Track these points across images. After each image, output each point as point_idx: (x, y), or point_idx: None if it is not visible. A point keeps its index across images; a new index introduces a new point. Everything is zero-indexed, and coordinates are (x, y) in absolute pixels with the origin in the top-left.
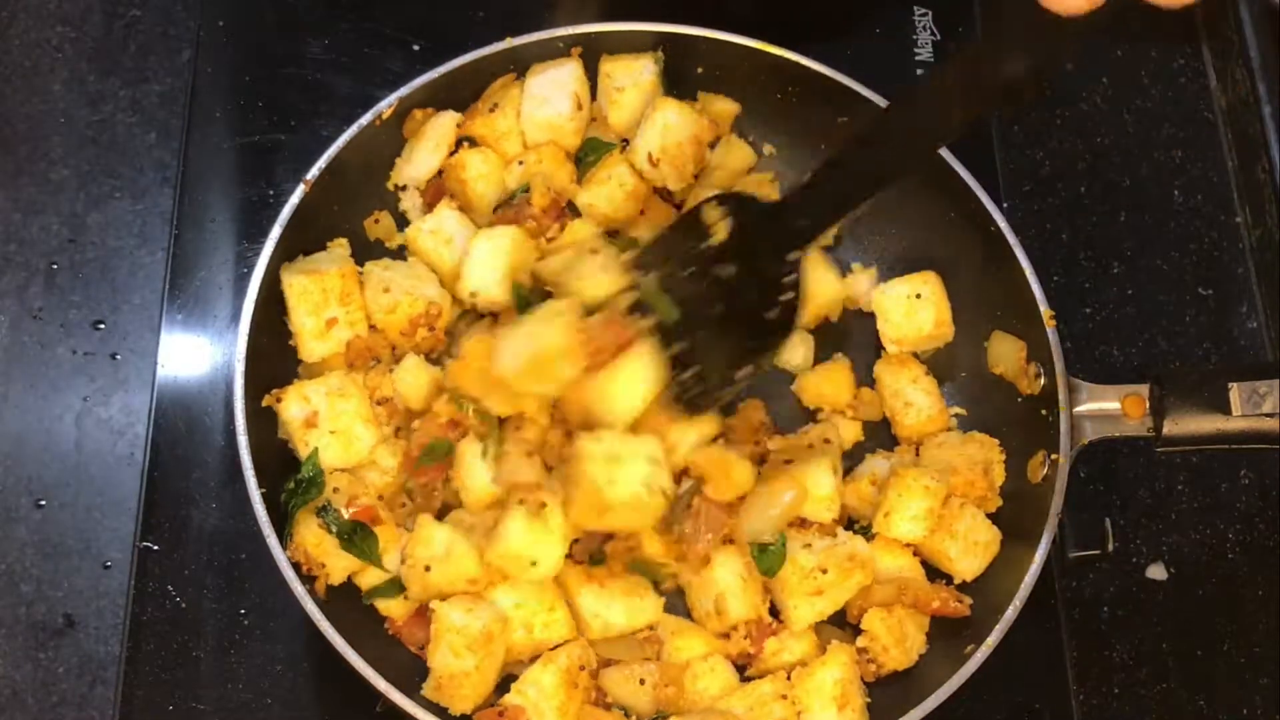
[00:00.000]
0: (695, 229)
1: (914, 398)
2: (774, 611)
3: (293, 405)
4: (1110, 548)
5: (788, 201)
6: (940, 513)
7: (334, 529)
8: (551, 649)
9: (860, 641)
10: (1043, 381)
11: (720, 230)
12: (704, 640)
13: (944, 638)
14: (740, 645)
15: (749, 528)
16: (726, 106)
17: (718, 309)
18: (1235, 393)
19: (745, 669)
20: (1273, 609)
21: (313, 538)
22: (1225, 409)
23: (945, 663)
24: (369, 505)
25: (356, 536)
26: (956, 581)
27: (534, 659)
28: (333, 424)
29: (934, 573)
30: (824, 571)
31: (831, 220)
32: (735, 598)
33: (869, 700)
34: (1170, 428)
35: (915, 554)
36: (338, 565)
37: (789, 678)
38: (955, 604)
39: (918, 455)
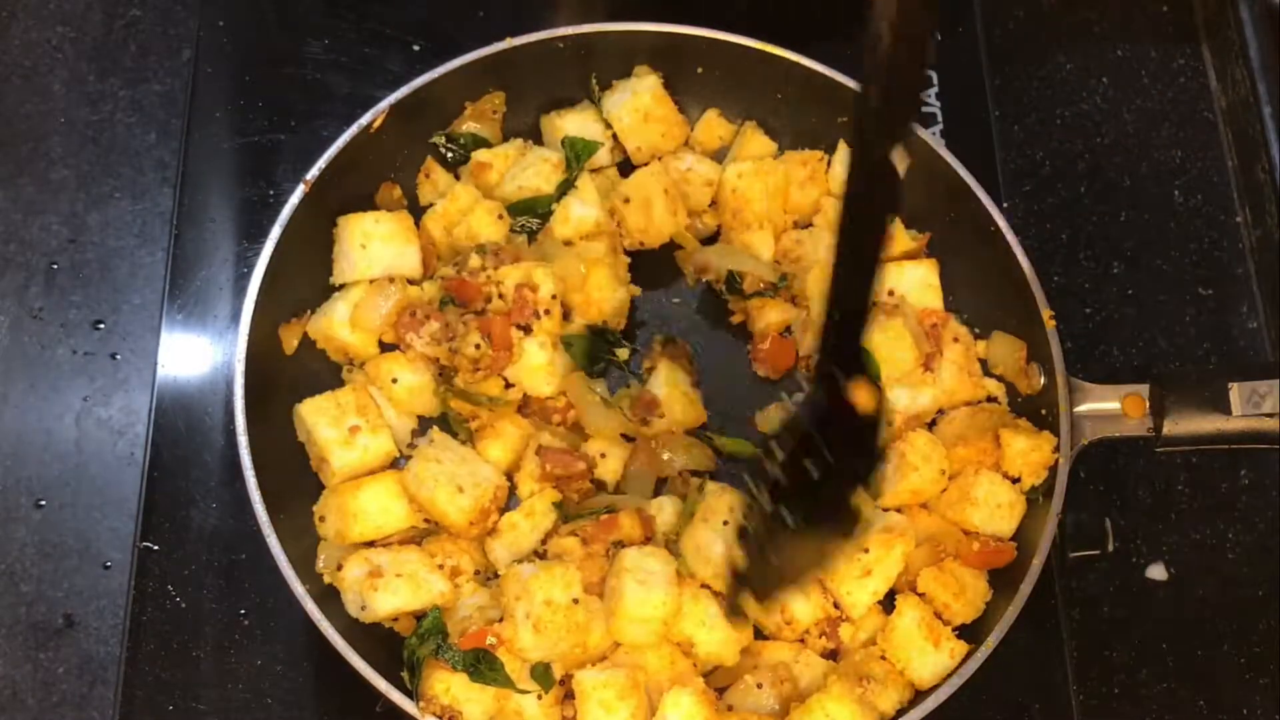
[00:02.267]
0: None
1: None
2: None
3: (352, 569)
4: (1110, 548)
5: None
6: (958, 482)
7: (458, 665)
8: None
9: (930, 589)
10: (1043, 381)
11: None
12: (788, 647)
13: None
14: (820, 644)
15: None
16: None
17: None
18: (1235, 393)
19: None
20: (1273, 609)
21: (440, 685)
22: (1225, 409)
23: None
24: (479, 630)
25: (482, 665)
26: None
27: None
28: (398, 569)
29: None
30: (866, 551)
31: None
32: (800, 605)
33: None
34: (1170, 428)
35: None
36: (474, 704)
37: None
38: (996, 544)
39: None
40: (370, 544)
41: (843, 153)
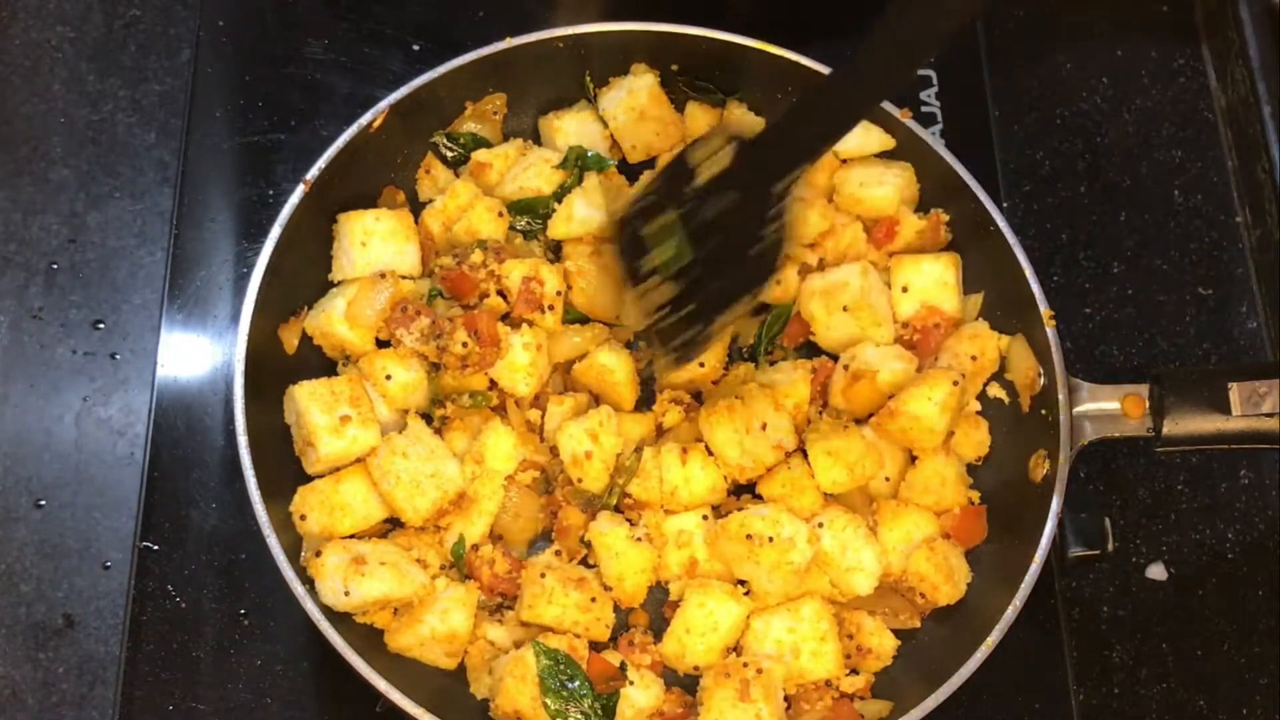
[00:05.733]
0: (683, 170)
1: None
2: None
3: (331, 556)
4: (1110, 548)
5: (769, 134)
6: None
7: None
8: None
9: (911, 581)
10: (1043, 381)
11: (707, 168)
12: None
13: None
14: None
15: None
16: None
17: (709, 246)
18: (1235, 393)
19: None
20: (1273, 609)
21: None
22: (1225, 409)
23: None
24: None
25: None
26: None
27: None
28: (380, 558)
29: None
30: None
31: (813, 151)
32: None
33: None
34: (1170, 428)
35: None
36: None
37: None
38: (969, 509)
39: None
40: (347, 536)
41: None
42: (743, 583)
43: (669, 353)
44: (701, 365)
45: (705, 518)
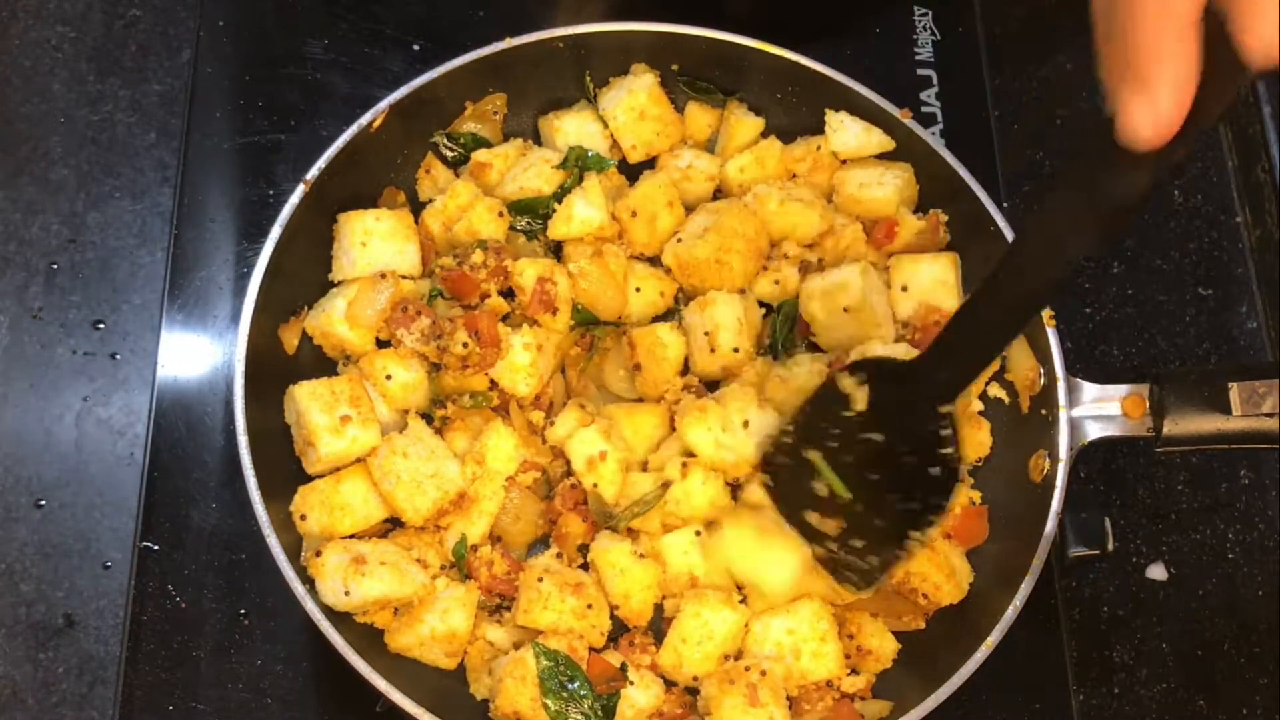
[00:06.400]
0: (835, 398)
1: None
2: None
3: (332, 556)
4: (1110, 548)
5: (924, 360)
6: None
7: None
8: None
9: (913, 582)
10: (1043, 382)
11: (860, 398)
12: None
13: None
14: None
15: None
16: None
17: (873, 477)
18: (1235, 393)
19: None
20: (1273, 609)
21: (521, 698)
22: (1225, 409)
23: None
24: (600, 664)
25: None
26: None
27: None
28: (380, 558)
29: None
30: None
31: (975, 370)
32: (728, 332)
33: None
34: (1170, 428)
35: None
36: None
37: None
38: (968, 509)
39: None
40: (347, 536)
41: (834, 120)
42: (741, 589)
43: (844, 583)
44: (736, 350)
45: (698, 533)
